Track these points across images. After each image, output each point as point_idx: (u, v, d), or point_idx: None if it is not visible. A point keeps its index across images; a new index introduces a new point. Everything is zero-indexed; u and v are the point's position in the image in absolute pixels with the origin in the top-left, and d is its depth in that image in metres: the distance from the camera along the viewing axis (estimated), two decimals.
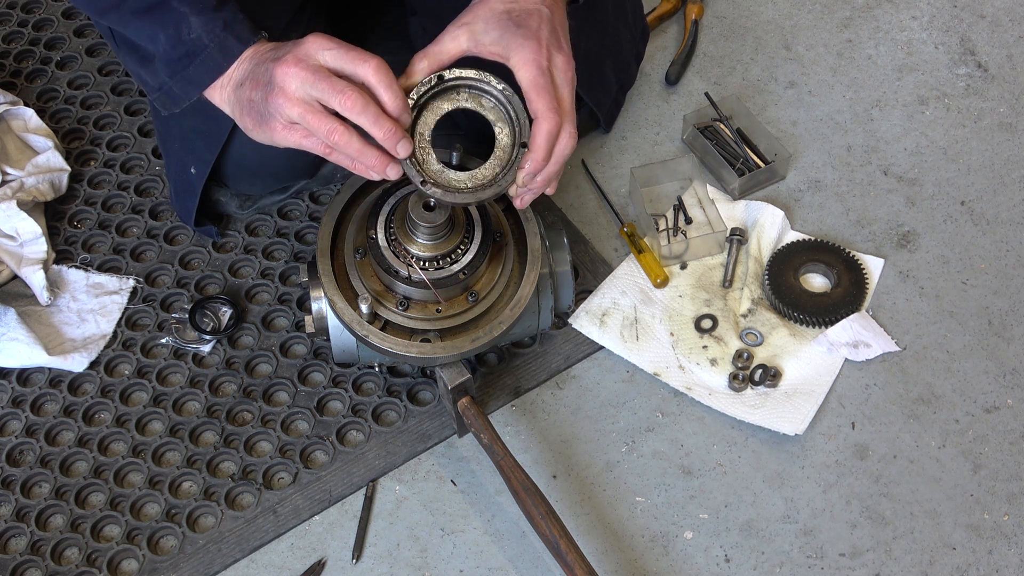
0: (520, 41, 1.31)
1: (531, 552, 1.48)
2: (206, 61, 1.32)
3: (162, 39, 1.33)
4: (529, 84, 1.30)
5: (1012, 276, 1.72)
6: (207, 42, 1.31)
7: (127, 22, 1.36)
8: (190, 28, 1.31)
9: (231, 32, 1.31)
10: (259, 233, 1.77)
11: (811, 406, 1.57)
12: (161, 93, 1.37)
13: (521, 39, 1.31)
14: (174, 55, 1.33)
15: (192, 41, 1.32)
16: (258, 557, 1.49)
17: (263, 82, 1.27)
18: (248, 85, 1.30)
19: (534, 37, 1.31)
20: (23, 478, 1.54)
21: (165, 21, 1.32)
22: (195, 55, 1.32)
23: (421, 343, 1.43)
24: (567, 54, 1.34)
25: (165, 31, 1.32)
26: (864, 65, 1.98)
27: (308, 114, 1.25)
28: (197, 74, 1.33)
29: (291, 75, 1.24)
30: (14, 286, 1.70)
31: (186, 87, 1.35)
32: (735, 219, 1.75)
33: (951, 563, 1.47)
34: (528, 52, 1.31)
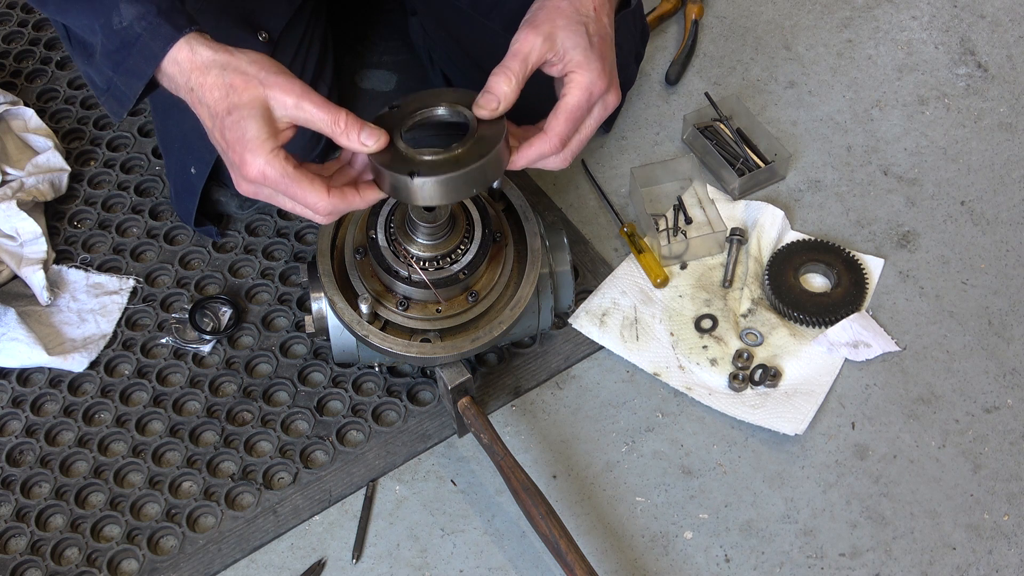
0: (592, 66, 1.29)
1: (531, 552, 1.48)
2: (142, 51, 1.25)
3: (98, 29, 1.28)
4: (568, 106, 1.29)
5: (1012, 276, 1.72)
6: (139, 31, 1.25)
7: (64, 11, 1.30)
8: (121, 16, 1.25)
9: (165, 18, 1.24)
10: (259, 233, 1.77)
11: (811, 406, 1.57)
12: (108, 94, 1.31)
13: (596, 65, 1.29)
14: (111, 46, 1.27)
15: (124, 30, 1.25)
16: (258, 557, 1.49)
17: (227, 156, 1.26)
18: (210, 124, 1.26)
19: (604, 68, 1.30)
20: (23, 478, 1.54)
21: (97, 9, 1.26)
22: (131, 45, 1.26)
23: (421, 343, 1.43)
24: (618, 93, 1.34)
25: (99, 20, 1.27)
26: (864, 65, 1.98)
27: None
28: (137, 65, 1.26)
29: (250, 192, 1.26)
30: (14, 286, 1.70)
31: (129, 80, 1.28)
32: (735, 219, 1.75)
33: (951, 563, 1.47)
34: (591, 77, 1.29)
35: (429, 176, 1.24)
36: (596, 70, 1.30)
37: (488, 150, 1.26)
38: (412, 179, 1.24)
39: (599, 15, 1.32)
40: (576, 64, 1.29)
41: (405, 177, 1.24)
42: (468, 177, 1.26)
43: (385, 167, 1.25)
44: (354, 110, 1.56)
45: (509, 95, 1.27)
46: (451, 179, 1.25)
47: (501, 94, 1.26)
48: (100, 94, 1.32)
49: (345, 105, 1.79)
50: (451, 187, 1.26)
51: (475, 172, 1.26)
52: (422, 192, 1.26)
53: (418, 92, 1.33)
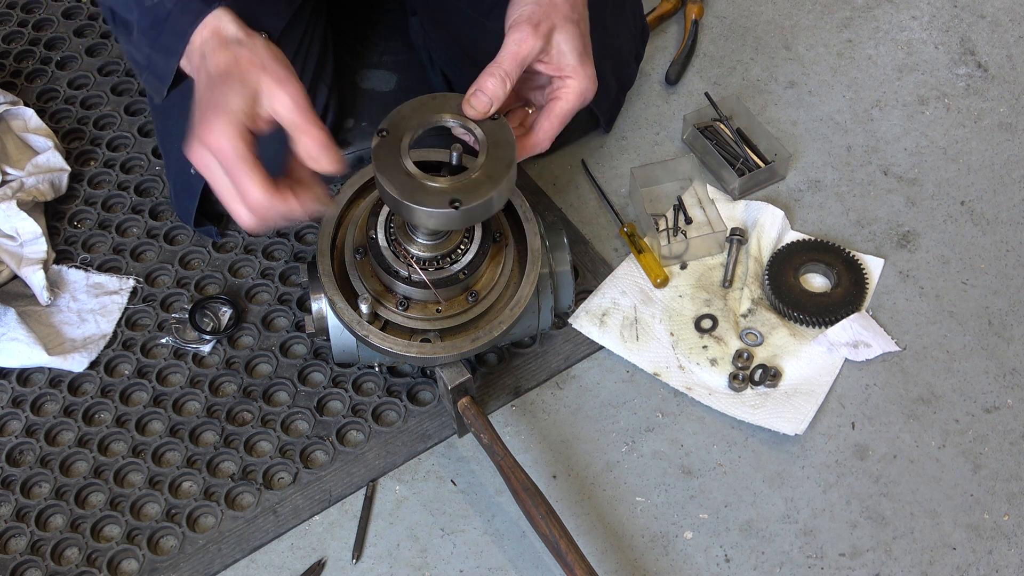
0: (587, 72, 1.31)
1: (531, 552, 1.48)
2: (173, 27, 1.26)
3: (134, 6, 1.28)
4: (563, 112, 1.31)
5: (1012, 276, 1.72)
6: (169, 7, 1.25)
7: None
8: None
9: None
10: (259, 233, 1.77)
11: (811, 406, 1.57)
12: (148, 71, 1.31)
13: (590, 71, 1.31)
14: (144, 24, 1.28)
15: (156, 6, 1.26)
16: (258, 557, 1.49)
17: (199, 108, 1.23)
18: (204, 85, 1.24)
19: (593, 72, 1.31)
20: (23, 478, 1.54)
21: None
22: (162, 22, 1.26)
23: (421, 343, 1.43)
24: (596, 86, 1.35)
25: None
26: (864, 65, 1.98)
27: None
28: (170, 42, 1.26)
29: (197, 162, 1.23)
30: (14, 286, 1.70)
31: (164, 57, 1.28)
32: (735, 219, 1.75)
33: (951, 563, 1.47)
34: (585, 84, 1.30)
35: (471, 203, 1.26)
36: (589, 76, 1.31)
37: (507, 164, 1.27)
38: (450, 212, 1.25)
39: (584, 7, 1.33)
40: (572, 69, 1.30)
41: (447, 210, 1.25)
42: (500, 196, 1.28)
43: (419, 204, 1.25)
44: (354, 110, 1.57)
45: (502, 97, 1.27)
46: (486, 202, 1.27)
47: (494, 96, 1.27)
48: (141, 72, 1.33)
49: (345, 105, 1.79)
50: (485, 209, 1.28)
51: (504, 190, 1.28)
52: (457, 219, 1.27)
53: (401, 107, 1.32)
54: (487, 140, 1.29)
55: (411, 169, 1.28)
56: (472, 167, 1.28)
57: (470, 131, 1.30)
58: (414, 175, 1.28)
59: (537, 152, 1.36)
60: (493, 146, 1.28)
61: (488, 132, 1.29)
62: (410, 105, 1.32)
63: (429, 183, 1.27)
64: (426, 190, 1.27)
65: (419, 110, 1.32)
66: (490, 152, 1.28)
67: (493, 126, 1.29)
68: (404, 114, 1.31)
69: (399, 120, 1.31)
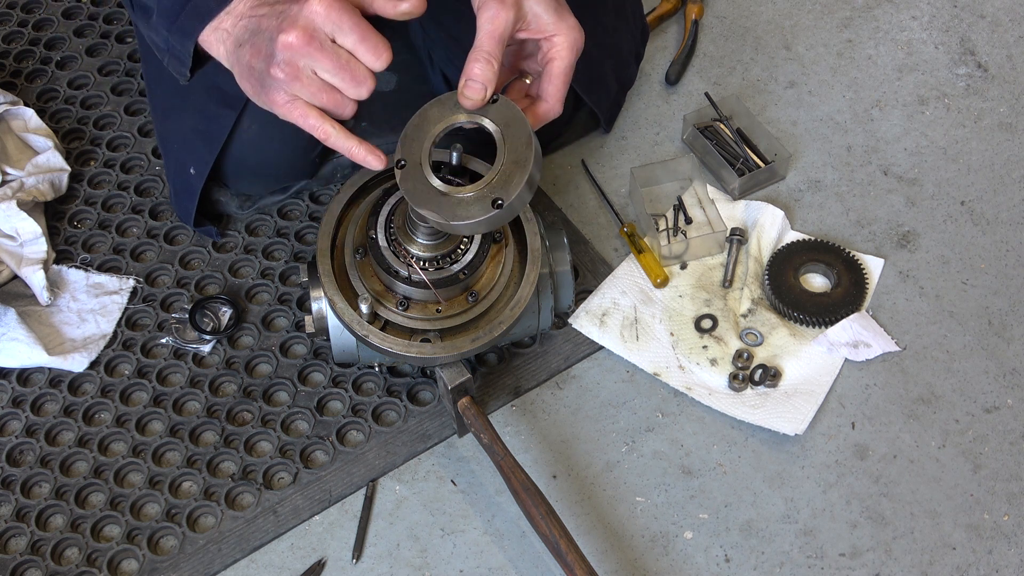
0: (568, 22, 1.28)
1: (531, 552, 1.48)
2: (197, 6, 1.24)
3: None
4: (563, 70, 1.29)
5: (1012, 276, 1.72)
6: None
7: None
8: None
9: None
10: (259, 233, 1.77)
11: (811, 406, 1.57)
12: (169, 55, 1.29)
13: (570, 20, 1.28)
14: (165, 3, 1.25)
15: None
16: (258, 557, 1.49)
17: (264, 51, 1.19)
18: (248, 49, 1.21)
19: (574, 20, 1.28)
20: (23, 478, 1.54)
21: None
22: (185, 1, 1.24)
23: (421, 343, 1.43)
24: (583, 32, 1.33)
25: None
26: (864, 65, 1.98)
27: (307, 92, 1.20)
28: (189, 22, 1.24)
29: (296, 50, 1.16)
30: (14, 286, 1.70)
31: (182, 39, 1.26)
32: (735, 219, 1.75)
33: (951, 563, 1.47)
34: (573, 35, 1.28)
35: (512, 195, 1.25)
36: (572, 26, 1.29)
37: (526, 141, 1.26)
38: (496, 211, 1.25)
39: None
40: (553, 26, 1.28)
41: (493, 212, 1.25)
42: (534, 174, 1.27)
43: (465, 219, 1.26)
44: None
45: (493, 79, 1.24)
46: (524, 187, 1.26)
47: (486, 80, 1.24)
48: (163, 55, 1.30)
49: None
50: (526, 194, 1.27)
51: (534, 167, 1.26)
52: (505, 215, 1.27)
53: (405, 130, 1.31)
54: (498, 126, 1.27)
55: (441, 188, 1.28)
56: (496, 159, 1.27)
57: (479, 123, 1.29)
58: (447, 193, 1.28)
59: (552, 117, 1.33)
60: (506, 128, 1.27)
61: (496, 117, 1.28)
62: (412, 125, 1.31)
63: (464, 195, 1.27)
64: (465, 203, 1.27)
65: (422, 126, 1.31)
66: (506, 136, 1.27)
67: (497, 109, 1.28)
68: (411, 135, 1.30)
69: (408, 143, 1.30)
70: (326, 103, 1.21)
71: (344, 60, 1.17)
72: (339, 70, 1.18)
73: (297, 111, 1.21)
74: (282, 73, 1.18)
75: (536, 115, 1.32)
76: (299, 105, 1.21)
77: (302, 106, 1.21)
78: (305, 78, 1.19)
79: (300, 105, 1.21)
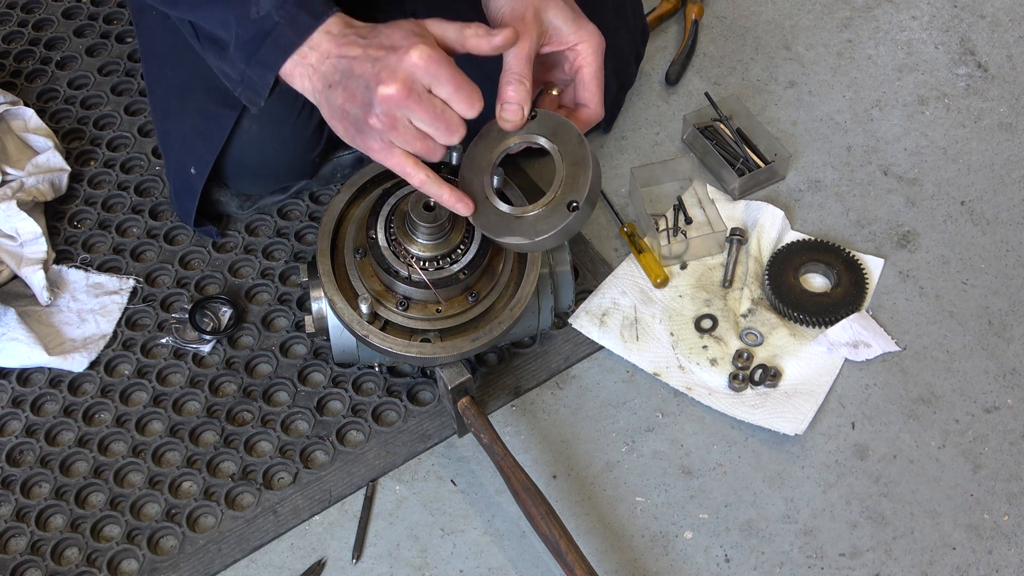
0: (587, 28, 1.31)
1: (531, 552, 1.48)
2: (278, 39, 1.25)
3: (232, 22, 1.26)
4: (594, 74, 1.32)
5: (1012, 276, 1.72)
6: (277, 19, 1.24)
7: (197, 8, 1.29)
8: (259, 6, 1.24)
9: (302, 6, 1.24)
10: (259, 233, 1.77)
11: (811, 406, 1.57)
12: (243, 85, 1.30)
13: (589, 26, 1.31)
14: (245, 36, 1.26)
15: (261, 19, 1.24)
16: (258, 557, 1.49)
17: (361, 98, 1.21)
18: (341, 92, 1.23)
19: (592, 24, 1.32)
20: (23, 478, 1.54)
21: (232, 1, 1.25)
22: (266, 34, 1.25)
23: (421, 343, 1.43)
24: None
25: (234, 12, 1.25)
26: (864, 65, 1.98)
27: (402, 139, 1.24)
28: (270, 55, 1.25)
29: (395, 102, 1.19)
30: (14, 286, 1.70)
31: (261, 71, 1.27)
32: (735, 219, 1.75)
33: (951, 563, 1.47)
34: (595, 40, 1.31)
35: (583, 193, 1.29)
36: (592, 32, 1.32)
37: (579, 141, 1.29)
38: (575, 214, 1.29)
39: None
40: (575, 36, 1.31)
41: (572, 215, 1.28)
42: (596, 168, 1.30)
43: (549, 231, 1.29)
44: None
45: (528, 98, 1.28)
46: (593, 183, 1.29)
47: (522, 101, 1.28)
48: (235, 86, 1.31)
49: None
50: (596, 188, 1.30)
51: (593, 161, 1.29)
52: (584, 216, 1.30)
53: (461, 172, 1.34)
54: (547, 137, 1.30)
55: (515, 212, 1.31)
56: (556, 167, 1.31)
57: (528, 142, 1.32)
58: (522, 216, 1.31)
59: (596, 121, 1.37)
60: (554, 136, 1.30)
61: (541, 130, 1.31)
62: (464, 166, 1.34)
63: (538, 211, 1.31)
64: (543, 218, 1.30)
65: (474, 163, 1.34)
66: (557, 143, 1.30)
67: (539, 122, 1.31)
68: (467, 175, 1.34)
69: (466, 185, 1.33)
70: (419, 150, 1.24)
71: (439, 110, 1.21)
72: (434, 120, 1.21)
73: (393, 159, 1.25)
74: (380, 124, 1.21)
75: (580, 121, 1.35)
76: (395, 153, 1.24)
77: (399, 154, 1.25)
78: (401, 127, 1.22)
79: (397, 153, 1.25)
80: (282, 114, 1.62)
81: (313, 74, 1.25)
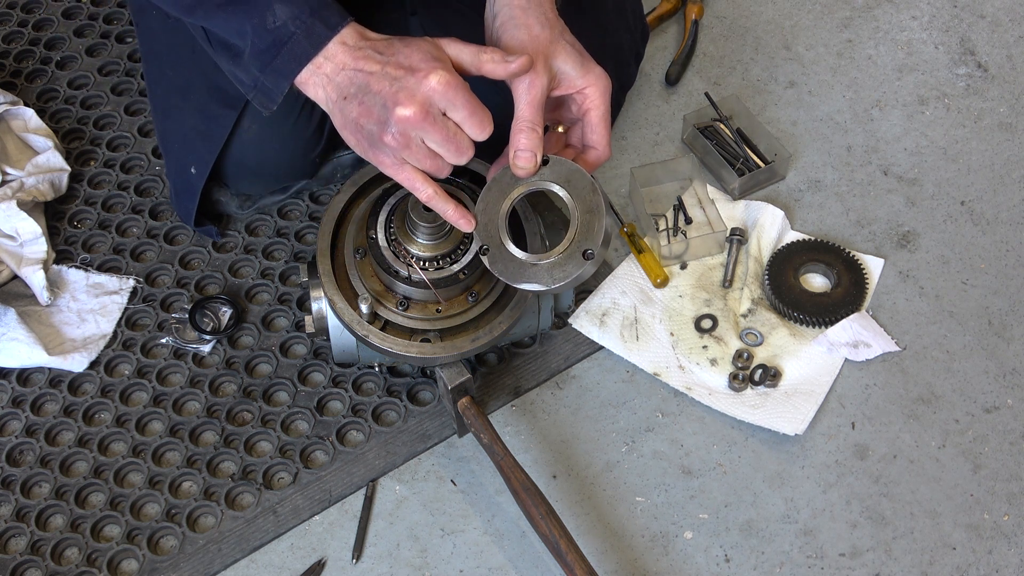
0: (594, 71, 1.34)
1: (531, 552, 1.48)
2: (293, 49, 1.26)
3: (248, 31, 1.28)
4: (601, 117, 1.34)
5: (1012, 276, 1.72)
6: (293, 29, 1.25)
7: (213, 16, 1.30)
8: (275, 16, 1.26)
9: (318, 17, 1.26)
10: (259, 233, 1.77)
11: (811, 406, 1.57)
12: (256, 91, 1.32)
13: (596, 69, 1.34)
14: (261, 46, 1.28)
15: (277, 29, 1.26)
16: (258, 557, 1.49)
17: (377, 116, 1.24)
18: (356, 106, 1.25)
19: (598, 67, 1.34)
20: (23, 478, 1.54)
21: (250, 11, 1.27)
22: (282, 44, 1.27)
23: (421, 343, 1.43)
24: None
25: (251, 21, 1.27)
26: (864, 65, 1.98)
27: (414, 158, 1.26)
28: (285, 64, 1.27)
29: (411, 124, 1.22)
30: (14, 286, 1.70)
31: (276, 79, 1.29)
32: (735, 219, 1.75)
33: (951, 563, 1.47)
34: (602, 83, 1.34)
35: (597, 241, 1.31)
36: (599, 74, 1.34)
37: (591, 188, 1.31)
38: (589, 262, 1.31)
39: (557, 17, 1.35)
40: (582, 80, 1.33)
41: (587, 263, 1.31)
42: (607, 215, 1.33)
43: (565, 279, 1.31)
44: None
45: (540, 145, 1.30)
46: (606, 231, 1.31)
47: (534, 148, 1.30)
48: (247, 91, 1.33)
49: None
50: (608, 236, 1.32)
51: (604, 207, 1.32)
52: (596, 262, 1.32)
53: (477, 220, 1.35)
54: (560, 184, 1.32)
55: (532, 260, 1.33)
56: (571, 215, 1.32)
57: (542, 188, 1.33)
58: (537, 264, 1.32)
59: (604, 161, 1.39)
60: (568, 184, 1.32)
61: (555, 177, 1.32)
62: (479, 211, 1.35)
63: (554, 257, 1.32)
64: (559, 265, 1.32)
65: (488, 209, 1.34)
66: (571, 191, 1.32)
67: (552, 169, 1.33)
68: (484, 222, 1.34)
69: (484, 231, 1.34)
70: (429, 167, 1.27)
71: (452, 132, 1.24)
72: (447, 142, 1.24)
73: (403, 174, 1.27)
74: (394, 142, 1.24)
75: (588, 163, 1.37)
76: (406, 169, 1.27)
77: (409, 170, 1.27)
78: (414, 146, 1.24)
79: (407, 169, 1.27)
80: (282, 114, 1.62)
81: (328, 84, 1.27)
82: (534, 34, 1.31)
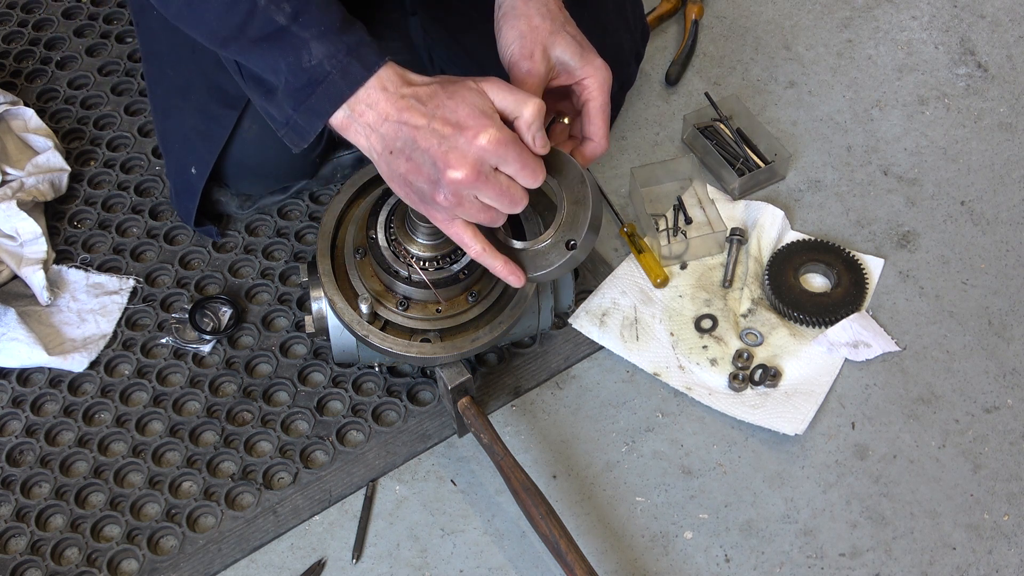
0: (594, 62, 1.32)
1: (531, 552, 1.48)
2: (328, 89, 1.22)
3: (283, 68, 1.24)
4: (599, 109, 1.33)
5: (1012, 276, 1.72)
6: (329, 68, 1.21)
7: (247, 52, 1.26)
8: (311, 54, 1.22)
9: (355, 56, 1.21)
10: (259, 233, 1.77)
11: (811, 406, 1.57)
12: (288, 128, 1.28)
13: (597, 60, 1.32)
14: (296, 84, 1.24)
15: (313, 68, 1.22)
16: (258, 557, 1.49)
17: (427, 175, 1.21)
18: (405, 163, 1.22)
19: (599, 57, 1.33)
20: (23, 478, 1.54)
21: (285, 49, 1.23)
22: (317, 83, 1.22)
23: (421, 343, 1.43)
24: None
25: (286, 59, 1.23)
26: (864, 65, 1.98)
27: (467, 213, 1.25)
28: (319, 104, 1.23)
29: (464, 185, 1.20)
30: (14, 286, 1.70)
31: (310, 118, 1.25)
32: (735, 219, 1.75)
33: (951, 563, 1.47)
34: (602, 74, 1.32)
35: (581, 233, 1.30)
36: (599, 65, 1.33)
37: (580, 180, 1.30)
38: (572, 252, 1.30)
39: (560, 8, 1.35)
40: (580, 71, 1.32)
41: (570, 253, 1.29)
42: (596, 208, 1.30)
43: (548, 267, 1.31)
44: None
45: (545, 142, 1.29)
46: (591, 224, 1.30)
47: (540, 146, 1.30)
48: (279, 127, 1.29)
49: None
50: (594, 230, 1.31)
51: (593, 200, 1.30)
52: (580, 255, 1.31)
53: None
54: (551, 174, 1.31)
55: (518, 245, 1.33)
56: (558, 205, 1.31)
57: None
58: (523, 248, 1.32)
59: (601, 153, 1.37)
60: (558, 174, 1.31)
61: (550, 170, 1.30)
62: None
63: (539, 246, 1.32)
64: (542, 253, 1.31)
65: None
66: (560, 181, 1.31)
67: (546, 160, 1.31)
68: None
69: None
70: (483, 220, 1.25)
71: (505, 187, 1.22)
72: (500, 196, 1.22)
73: (454, 229, 1.27)
74: (447, 202, 1.22)
75: (585, 155, 1.35)
76: (458, 224, 1.26)
77: (460, 225, 1.26)
78: (467, 203, 1.23)
79: (459, 224, 1.26)
80: None
81: (371, 134, 1.24)
82: (534, 24, 1.31)
